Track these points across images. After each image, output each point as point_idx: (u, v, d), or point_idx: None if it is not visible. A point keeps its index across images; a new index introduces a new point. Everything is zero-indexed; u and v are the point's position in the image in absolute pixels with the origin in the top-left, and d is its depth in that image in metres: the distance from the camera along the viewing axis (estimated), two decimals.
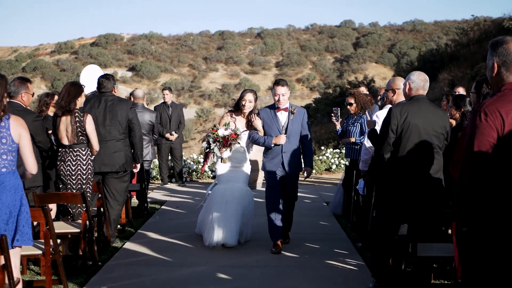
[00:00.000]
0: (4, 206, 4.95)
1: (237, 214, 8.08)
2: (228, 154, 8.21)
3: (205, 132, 8.37)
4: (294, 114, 8.00)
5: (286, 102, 8.03)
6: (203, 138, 8.40)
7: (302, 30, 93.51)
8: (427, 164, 5.91)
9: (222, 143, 8.05)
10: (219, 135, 8.04)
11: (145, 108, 11.60)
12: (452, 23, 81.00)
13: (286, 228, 8.34)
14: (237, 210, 8.10)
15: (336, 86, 49.13)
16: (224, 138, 8.02)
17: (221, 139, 8.04)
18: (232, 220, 8.03)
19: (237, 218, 8.08)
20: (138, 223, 9.91)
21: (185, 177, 15.89)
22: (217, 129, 8.10)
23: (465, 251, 3.70)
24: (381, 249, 6.15)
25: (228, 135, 8.01)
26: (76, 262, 7.10)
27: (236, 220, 8.06)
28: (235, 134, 8.04)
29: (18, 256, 5.17)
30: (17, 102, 6.97)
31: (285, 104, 8.01)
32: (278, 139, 7.90)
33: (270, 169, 8.05)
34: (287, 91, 7.99)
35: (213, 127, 8.25)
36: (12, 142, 5.07)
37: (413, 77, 6.12)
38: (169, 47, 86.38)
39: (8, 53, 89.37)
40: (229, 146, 8.08)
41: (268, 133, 8.04)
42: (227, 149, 8.12)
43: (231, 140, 8.03)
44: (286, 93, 7.96)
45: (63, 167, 7.42)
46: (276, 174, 8.01)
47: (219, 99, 70.83)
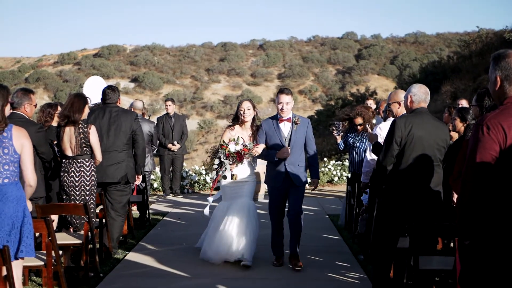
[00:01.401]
0: (6, 217, 4.96)
1: (242, 230, 7.78)
2: (238, 170, 7.93)
3: (212, 149, 8.08)
4: (298, 125, 7.73)
5: (290, 112, 7.80)
6: (212, 155, 8.00)
7: (304, 41, 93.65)
8: (428, 176, 5.93)
9: (236, 158, 7.77)
10: (231, 151, 7.75)
11: (144, 119, 11.62)
12: (454, 35, 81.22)
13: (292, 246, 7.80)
14: (243, 226, 7.80)
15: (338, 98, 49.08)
16: (237, 153, 7.74)
17: (235, 155, 7.75)
18: (238, 237, 7.75)
19: (243, 234, 7.77)
20: (140, 234, 9.91)
21: (187, 188, 15.91)
22: (227, 145, 7.81)
23: (468, 265, 3.70)
24: (382, 261, 6.14)
25: (241, 150, 7.74)
26: (78, 273, 7.11)
27: (242, 236, 7.76)
28: (247, 148, 7.77)
29: (20, 268, 5.18)
30: (20, 113, 6.97)
31: (288, 114, 7.77)
32: (281, 153, 7.62)
33: (274, 185, 7.80)
34: (291, 100, 7.76)
35: (222, 143, 7.90)
36: (15, 152, 5.09)
37: (414, 90, 6.14)
38: (172, 59, 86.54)
39: (11, 64, 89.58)
40: (241, 161, 7.84)
41: (271, 145, 7.78)
42: (238, 164, 7.87)
43: (244, 154, 7.78)
44: (290, 102, 7.75)
45: (67, 178, 7.43)
46: (280, 189, 7.77)
47: (221, 111, 70.86)
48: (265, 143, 7.86)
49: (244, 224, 7.82)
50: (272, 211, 7.89)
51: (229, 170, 7.83)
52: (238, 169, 7.91)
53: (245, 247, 7.75)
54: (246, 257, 7.71)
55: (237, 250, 7.73)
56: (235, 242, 7.74)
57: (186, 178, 16.08)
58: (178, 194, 14.86)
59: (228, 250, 7.73)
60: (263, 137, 7.86)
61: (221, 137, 8.10)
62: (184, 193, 15.56)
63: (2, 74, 79.77)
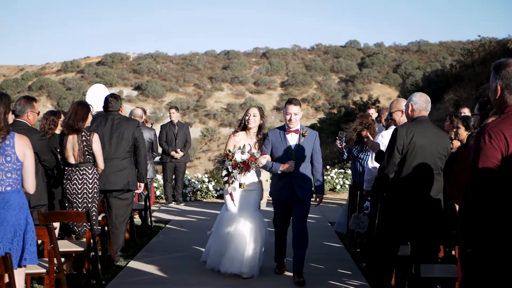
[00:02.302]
0: (9, 225, 4.98)
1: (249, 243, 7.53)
2: (244, 179, 7.65)
3: (218, 158, 7.91)
4: (305, 137, 7.51)
5: (298, 123, 7.57)
6: (220, 166, 7.86)
7: (307, 50, 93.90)
8: (429, 184, 5.94)
9: (243, 167, 7.50)
10: (237, 160, 7.50)
11: (144, 126, 11.63)
12: (457, 44, 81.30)
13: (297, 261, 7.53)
14: (251, 240, 7.55)
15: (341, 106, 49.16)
16: (244, 163, 7.49)
17: (241, 164, 7.49)
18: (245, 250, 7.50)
19: (250, 247, 7.53)
20: (142, 242, 9.91)
21: (190, 196, 15.92)
22: (233, 154, 7.56)
23: (469, 273, 3.70)
24: (384, 269, 6.15)
25: (248, 159, 7.49)
26: (80, 280, 7.12)
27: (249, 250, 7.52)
28: (253, 157, 7.50)
29: (22, 275, 5.19)
30: (22, 121, 6.96)
31: (296, 125, 7.53)
32: (285, 167, 7.42)
33: (280, 197, 7.60)
34: (299, 110, 7.53)
35: (227, 152, 7.64)
36: (17, 160, 5.11)
37: (415, 99, 6.16)
38: (175, 67, 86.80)
39: (14, 72, 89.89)
40: (248, 170, 7.56)
41: (276, 156, 7.57)
42: (245, 173, 7.59)
43: (250, 164, 7.50)
44: (299, 113, 7.51)
45: (69, 185, 7.45)
46: (285, 201, 7.55)
47: (224, 119, 71.00)
48: (271, 154, 7.65)
49: (252, 238, 7.56)
50: (277, 222, 7.75)
51: (239, 178, 7.58)
52: (245, 177, 7.65)
53: (252, 261, 7.52)
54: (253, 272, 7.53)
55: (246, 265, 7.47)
56: (243, 256, 7.48)
57: (189, 186, 16.09)
58: (180, 202, 14.87)
59: (236, 264, 7.47)
60: (269, 148, 7.65)
61: (226, 144, 7.89)
62: (187, 201, 15.58)
63: (6, 82, 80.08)
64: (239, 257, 7.48)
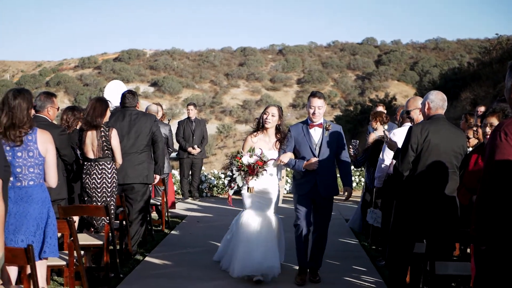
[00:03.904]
0: (31, 218, 5.08)
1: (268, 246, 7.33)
2: (254, 183, 7.37)
3: (228, 158, 7.59)
4: (329, 131, 7.24)
5: (321, 117, 7.30)
6: (227, 166, 7.54)
7: (324, 47, 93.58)
8: (444, 183, 5.95)
9: (248, 171, 7.26)
10: (243, 163, 7.24)
11: (160, 122, 11.69)
12: (475, 42, 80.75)
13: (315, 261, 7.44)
14: (268, 241, 7.36)
15: (357, 103, 49.10)
16: (249, 166, 7.23)
17: (246, 168, 7.25)
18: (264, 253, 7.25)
19: (268, 250, 7.31)
20: (159, 237, 10.02)
21: (206, 192, 16.01)
22: (241, 156, 7.31)
23: (483, 270, 3.73)
24: (398, 266, 6.19)
25: (254, 163, 7.22)
26: (98, 273, 7.22)
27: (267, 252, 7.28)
28: (261, 161, 7.23)
29: (44, 267, 5.31)
30: (42, 116, 7.05)
31: (320, 119, 7.27)
32: (309, 165, 7.13)
33: (301, 193, 7.26)
34: (323, 104, 7.24)
35: (237, 154, 7.43)
36: (39, 155, 5.21)
37: (432, 97, 6.17)
38: (191, 63, 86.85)
39: (32, 68, 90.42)
40: (256, 174, 7.28)
41: (299, 152, 7.28)
42: (253, 177, 7.31)
43: (257, 169, 7.23)
44: (323, 106, 7.22)
45: (89, 180, 7.56)
46: (308, 198, 7.24)
47: (240, 115, 70.99)
48: (294, 150, 7.37)
49: (270, 240, 7.38)
50: (299, 222, 7.30)
51: (241, 183, 7.35)
52: (254, 182, 7.35)
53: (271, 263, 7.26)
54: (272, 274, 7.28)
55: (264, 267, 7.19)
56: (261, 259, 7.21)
57: (205, 182, 16.18)
58: (196, 197, 14.97)
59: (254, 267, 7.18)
60: (292, 144, 7.35)
61: (243, 147, 7.65)
62: (203, 197, 15.67)
63: (24, 78, 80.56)
64: (257, 260, 7.21)
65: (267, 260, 7.23)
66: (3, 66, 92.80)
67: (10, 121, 5.09)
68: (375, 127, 9.79)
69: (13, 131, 5.09)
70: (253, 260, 7.21)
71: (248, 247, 7.32)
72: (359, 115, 40.24)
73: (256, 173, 7.26)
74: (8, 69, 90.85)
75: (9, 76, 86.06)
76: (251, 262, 7.21)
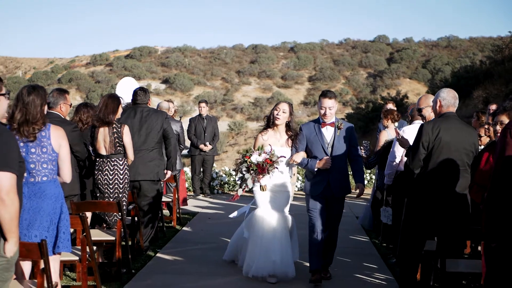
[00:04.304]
0: (45, 214, 5.14)
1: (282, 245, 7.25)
2: (267, 181, 7.28)
3: (239, 156, 7.41)
4: (341, 130, 7.14)
5: (333, 116, 7.18)
6: (237, 167, 7.40)
7: (335, 44, 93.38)
8: (455, 180, 5.96)
9: (257, 171, 7.13)
10: (252, 161, 7.14)
11: (171, 119, 11.72)
12: (487, 40, 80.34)
13: (326, 259, 7.42)
14: (283, 241, 7.29)
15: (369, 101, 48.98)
16: (258, 165, 7.11)
17: (255, 167, 7.13)
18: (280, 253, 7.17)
19: (283, 249, 7.23)
20: (170, 233, 10.07)
21: (217, 189, 16.06)
22: (250, 155, 7.20)
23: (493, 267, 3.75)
24: (409, 263, 6.20)
25: (263, 161, 7.10)
26: (110, 269, 7.28)
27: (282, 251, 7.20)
28: (270, 160, 7.12)
29: (57, 262, 5.36)
30: (55, 113, 7.08)
31: (331, 119, 7.16)
32: (322, 164, 7.02)
33: (314, 193, 7.15)
34: (334, 104, 7.10)
35: (246, 152, 7.31)
36: (53, 151, 5.26)
37: (444, 94, 6.17)
38: (203, 60, 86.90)
39: (44, 65, 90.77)
40: (267, 172, 7.15)
41: (311, 151, 7.18)
42: (264, 175, 7.18)
43: (267, 167, 7.10)
44: (334, 106, 7.09)
45: (101, 176, 7.61)
46: (321, 198, 7.14)
47: (252, 113, 70.97)
48: (306, 149, 7.27)
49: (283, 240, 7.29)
50: (313, 224, 7.19)
51: (251, 184, 7.21)
52: (267, 179, 7.27)
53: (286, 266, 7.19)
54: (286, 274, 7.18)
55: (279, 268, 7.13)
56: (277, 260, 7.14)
57: (216, 179, 16.23)
58: (208, 194, 15.02)
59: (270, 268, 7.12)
60: (304, 143, 7.26)
61: (254, 145, 7.60)
62: (214, 194, 15.72)
63: (36, 75, 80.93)
64: (272, 260, 7.13)
65: (283, 261, 7.15)
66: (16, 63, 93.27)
67: (24, 117, 5.14)
68: (386, 125, 9.80)
69: (26, 127, 5.13)
70: (268, 261, 7.12)
71: (263, 247, 7.22)
72: (371, 113, 40.19)
73: (267, 171, 7.14)
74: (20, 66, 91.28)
75: (21, 73, 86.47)
76: (267, 263, 7.12)
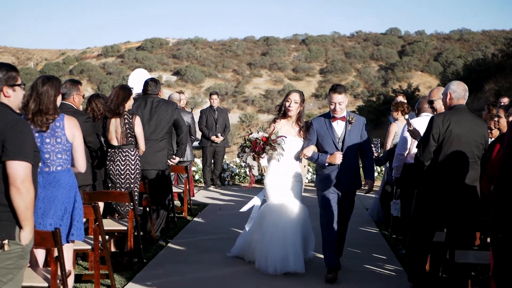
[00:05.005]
0: (59, 203, 5.22)
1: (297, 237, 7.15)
2: (265, 162, 7.25)
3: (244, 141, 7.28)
4: (352, 124, 6.97)
5: (343, 111, 7.01)
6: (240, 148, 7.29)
7: (347, 37, 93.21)
8: (465, 172, 5.98)
9: (252, 148, 7.05)
10: (249, 138, 7.09)
11: (182, 110, 11.77)
12: (500, 33, 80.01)
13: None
14: (297, 232, 7.18)
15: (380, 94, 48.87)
16: (253, 142, 7.06)
17: (250, 143, 7.06)
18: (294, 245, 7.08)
19: (298, 241, 7.15)
20: (181, 223, 10.15)
21: (228, 180, 16.12)
22: (251, 133, 7.17)
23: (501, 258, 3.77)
24: (418, 254, 6.24)
25: (257, 138, 7.03)
26: (122, 258, 7.36)
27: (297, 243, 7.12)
28: (266, 138, 7.02)
29: (71, 250, 5.44)
30: (68, 104, 7.11)
31: (342, 113, 6.99)
32: (333, 158, 6.86)
33: (325, 188, 7.02)
34: (344, 99, 6.92)
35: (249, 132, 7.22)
36: (67, 141, 5.33)
37: (454, 87, 6.19)
38: (214, 52, 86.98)
39: (56, 56, 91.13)
40: (263, 151, 7.03)
41: (322, 146, 7.02)
42: (262, 155, 7.08)
43: (260, 143, 6.99)
44: (344, 101, 6.92)
45: (113, 166, 7.68)
46: (331, 194, 7.00)
47: (263, 105, 71.01)
48: (316, 143, 7.10)
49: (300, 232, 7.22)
50: (325, 219, 7.05)
51: (252, 162, 7.14)
52: (265, 161, 7.22)
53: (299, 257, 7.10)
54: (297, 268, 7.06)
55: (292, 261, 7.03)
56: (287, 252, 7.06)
57: (227, 170, 16.29)
58: (219, 186, 15.09)
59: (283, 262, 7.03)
60: (314, 137, 7.09)
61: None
62: (225, 185, 15.78)
63: (48, 66, 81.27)
64: (283, 253, 7.04)
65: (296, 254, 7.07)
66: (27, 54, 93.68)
67: (38, 107, 5.20)
68: (396, 117, 9.85)
69: (40, 117, 5.19)
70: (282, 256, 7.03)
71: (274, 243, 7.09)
72: (382, 106, 40.14)
73: (263, 150, 7.01)
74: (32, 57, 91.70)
75: (33, 64, 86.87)
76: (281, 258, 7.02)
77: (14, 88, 4.19)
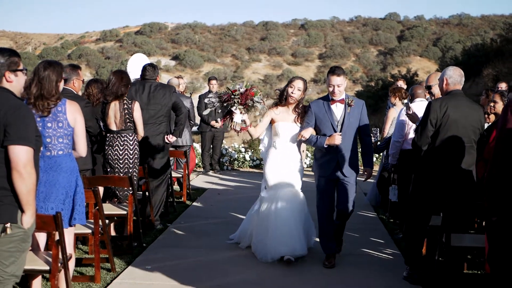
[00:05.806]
0: (60, 187, 5.27)
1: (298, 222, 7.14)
2: (239, 118, 6.99)
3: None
4: (352, 107, 6.87)
5: (342, 93, 6.91)
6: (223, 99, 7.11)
7: (346, 22, 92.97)
8: (461, 157, 6.02)
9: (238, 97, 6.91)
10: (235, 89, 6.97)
11: (181, 94, 11.78)
12: (499, 18, 79.80)
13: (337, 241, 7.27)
14: (298, 218, 7.15)
15: (379, 79, 48.85)
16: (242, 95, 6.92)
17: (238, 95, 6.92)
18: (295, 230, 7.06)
19: (300, 226, 7.14)
20: (180, 208, 10.22)
21: (227, 165, 16.18)
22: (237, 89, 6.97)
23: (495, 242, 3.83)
24: (414, 238, 6.31)
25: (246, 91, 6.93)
26: (122, 242, 7.43)
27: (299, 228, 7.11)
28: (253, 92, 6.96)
29: (72, 234, 5.50)
30: (68, 89, 7.10)
31: (340, 96, 6.90)
32: (332, 140, 6.74)
33: (323, 174, 6.96)
34: (343, 81, 6.81)
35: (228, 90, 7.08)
36: (68, 126, 5.37)
37: (450, 73, 6.22)
38: (213, 37, 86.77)
39: (54, 40, 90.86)
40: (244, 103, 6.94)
41: (321, 129, 6.91)
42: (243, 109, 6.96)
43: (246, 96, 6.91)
44: (342, 83, 6.81)
45: (111, 151, 7.73)
46: (330, 179, 6.96)
47: (261, 90, 70.67)
48: (315, 127, 6.99)
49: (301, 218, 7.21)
50: (322, 205, 7.05)
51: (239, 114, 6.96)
52: (240, 116, 6.96)
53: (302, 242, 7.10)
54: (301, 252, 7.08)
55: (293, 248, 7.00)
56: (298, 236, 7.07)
57: (226, 155, 16.35)
58: (218, 170, 15.14)
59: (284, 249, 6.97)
60: (312, 120, 6.97)
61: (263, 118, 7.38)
62: (224, 170, 15.84)
63: (46, 50, 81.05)
64: (282, 240, 6.99)
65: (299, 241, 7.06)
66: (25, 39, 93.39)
67: (39, 91, 5.22)
68: (394, 102, 9.89)
69: (41, 101, 5.21)
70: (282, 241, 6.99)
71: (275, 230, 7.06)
72: (381, 91, 40.11)
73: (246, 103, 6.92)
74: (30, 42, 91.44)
75: (31, 48, 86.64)
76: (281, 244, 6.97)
77: (16, 73, 4.24)
